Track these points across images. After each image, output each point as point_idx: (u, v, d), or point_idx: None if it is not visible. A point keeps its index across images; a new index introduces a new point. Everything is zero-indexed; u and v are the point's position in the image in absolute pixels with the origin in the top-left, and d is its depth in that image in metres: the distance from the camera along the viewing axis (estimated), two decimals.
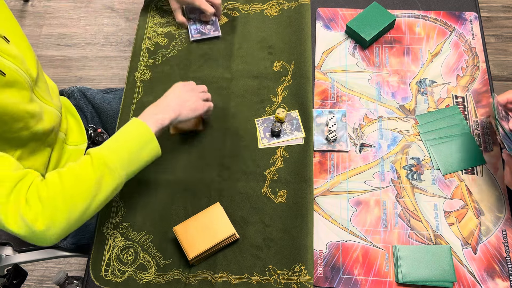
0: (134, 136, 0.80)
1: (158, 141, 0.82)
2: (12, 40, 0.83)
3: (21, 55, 0.83)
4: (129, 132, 0.81)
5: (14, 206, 0.68)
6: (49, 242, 0.72)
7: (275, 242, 0.86)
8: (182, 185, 0.93)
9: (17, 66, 0.81)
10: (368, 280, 0.84)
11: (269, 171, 0.93)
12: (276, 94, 1.01)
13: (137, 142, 0.80)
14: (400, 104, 1.00)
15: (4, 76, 0.77)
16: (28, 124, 0.84)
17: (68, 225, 0.72)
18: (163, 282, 0.85)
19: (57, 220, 0.71)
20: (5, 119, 0.79)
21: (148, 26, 1.12)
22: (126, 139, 0.80)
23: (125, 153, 0.78)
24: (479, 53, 1.05)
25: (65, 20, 2.15)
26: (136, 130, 0.81)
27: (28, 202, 0.70)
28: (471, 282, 0.83)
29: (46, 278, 1.63)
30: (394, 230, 0.88)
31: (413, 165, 0.94)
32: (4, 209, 0.68)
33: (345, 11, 1.12)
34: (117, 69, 2.02)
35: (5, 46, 0.80)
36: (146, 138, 0.80)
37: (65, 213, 0.71)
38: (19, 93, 0.81)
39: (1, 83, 0.77)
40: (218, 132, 0.98)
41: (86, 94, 1.17)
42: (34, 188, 0.71)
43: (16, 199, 0.69)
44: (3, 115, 0.78)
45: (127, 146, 0.79)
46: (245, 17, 1.11)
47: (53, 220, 0.70)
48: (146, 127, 0.81)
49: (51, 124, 0.91)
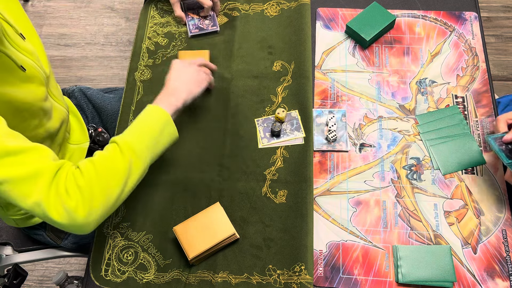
0: (153, 122, 0.83)
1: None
2: (27, 38, 0.84)
3: (35, 51, 0.84)
4: (148, 118, 0.83)
5: (55, 197, 0.70)
6: (88, 230, 0.73)
7: (275, 242, 0.87)
8: (182, 185, 0.93)
9: (34, 62, 0.82)
10: (368, 280, 0.84)
11: (269, 171, 0.93)
12: (276, 94, 1.01)
13: (157, 127, 0.82)
14: (400, 104, 1.00)
15: (25, 71, 0.78)
16: (42, 121, 0.85)
17: (105, 211, 0.74)
18: (163, 282, 0.85)
19: (95, 207, 0.72)
20: (25, 115, 0.80)
21: (148, 26, 1.12)
22: (147, 125, 0.82)
23: (148, 138, 0.81)
24: (479, 53, 1.05)
25: (65, 20, 2.15)
26: (154, 115, 0.83)
27: (67, 191, 0.70)
28: (471, 282, 0.83)
29: (46, 278, 1.63)
30: (394, 230, 0.88)
31: (413, 165, 0.94)
32: (46, 201, 0.69)
33: (345, 11, 1.12)
34: (117, 69, 2.02)
35: (22, 42, 0.81)
36: (164, 121, 0.83)
37: (102, 200, 0.73)
38: (37, 89, 0.82)
39: (23, 78, 0.78)
40: (218, 132, 0.98)
41: (87, 93, 1.17)
42: (71, 177, 0.72)
43: (56, 190, 0.70)
44: (23, 111, 0.79)
45: (148, 131, 0.81)
46: (245, 17, 1.11)
47: (91, 208, 0.72)
48: (163, 111, 0.83)
49: (59, 122, 0.92)
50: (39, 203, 0.69)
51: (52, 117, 0.89)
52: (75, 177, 0.72)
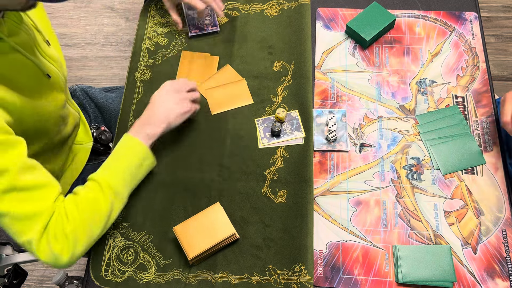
0: (132, 156, 0.84)
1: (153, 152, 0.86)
2: (52, 43, 0.84)
3: (59, 58, 0.85)
4: (126, 152, 0.84)
5: (45, 240, 0.73)
6: (69, 266, 0.78)
7: (275, 242, 0.86)
8: (182, 185, 0.93)
9: (57, 69, 0.82)
10: (368, 280, 0.84)
11: (269, 171, 0.93)
12: (276, 94, 1.01)
13: (136, 161, 0.84)
14: (400, 104, 1.00)
15: (49, 78, 0.78)
16: (60, 128, 0.86)
17: (87, 248, 0.79)
18: (163, 282, 0.85)
19: (77, 249, 0.77)
20: (47, 125, 0.82)
21: (148, 26, 1.12)
22: (126, 160, 0.83)
23: (127, 175, 0.82)
24: (479, 53, 1.05)
25: (65, 20, 2.15)
26: (133, 150, 0.84)
27: (56, 236, 0.74)
28: (471, 282, 0.83)
29: (46, 278, 1.63)
30: (394, 230, 0.88)
31: (413, 165, 0.94)
32: (37, 242, 0.73)
33: (345, 11, 1.12)
34: (117, 69, 2.02)
35: (48, 49, 0.81)
36: (142, 155, 0.84)
37: (85, 241, 0.77)
38: (58, 96, 0.83)
39: (48, 86, 0.78)
40: (218, 132, 0.98)
41: (88, 92, 1.17)
42: (60, 222, 0.75)
43: (47, 234, 0.74)
44: (47, 121, 0.81)
45: (127, 167, 0.83)
46: (245, 17, 1.11)
47: (75, 251, 0.76)
48: (141, 145, 0.84)
49: (72, 126, 0.93)
50: (31, 242, 0.72)
51: (68, 122, 0.90)
52: (62, 223, 0.75)
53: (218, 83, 1.03)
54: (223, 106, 1.00)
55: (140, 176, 0.86)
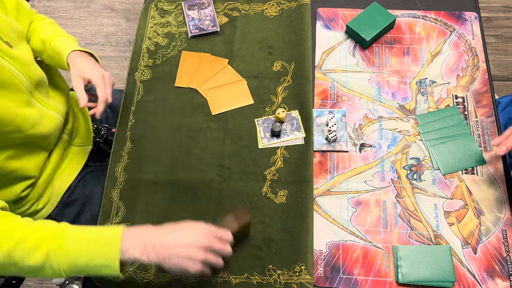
0: (102, 253, 0.67)
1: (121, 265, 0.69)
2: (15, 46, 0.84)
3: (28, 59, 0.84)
4: (101, 245, 0.68)
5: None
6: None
7: (275, 242, 0.86)
8: (182, 185, 0.93)
9: (16, 69, 0.81)
10: (368, 280, 0.84)
11: (269, 171, 0.93)
12: (276, 94, 1.01)
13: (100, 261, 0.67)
14: (400, 104, 1.00)
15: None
16: (21, 127, 0.84)
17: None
18: (163, 282, 0.85)
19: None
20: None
21: (148, 26, 1.12)
22: (94, 250, 0.67)
23: (82, 263, 0.67)
24: (479, 53, 1.05)
25: (65, 20, 2.15)
26: (108, 251, 0.68)
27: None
28: (471, 282, 0.83)
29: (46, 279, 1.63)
30: (394, 230, 0.88)
31: (413, 165, 0.94)
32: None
33: (345, 11, 1.12)
34: (117, 69, 2.02)
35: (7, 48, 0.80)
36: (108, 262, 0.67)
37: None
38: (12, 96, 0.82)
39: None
40: (218, 132, 0.98)
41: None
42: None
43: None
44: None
45: (89, 258, 0.67)
46: (245, 17, 1.11)
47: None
48: (116, 253, 0.67)
49: (50, 128, 0.92)
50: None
51: (42, 123, 0.89)
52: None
53: (218, 83, 1.03)
54: (223, 106, 1.00)
55: (94, 273, 0.69)
